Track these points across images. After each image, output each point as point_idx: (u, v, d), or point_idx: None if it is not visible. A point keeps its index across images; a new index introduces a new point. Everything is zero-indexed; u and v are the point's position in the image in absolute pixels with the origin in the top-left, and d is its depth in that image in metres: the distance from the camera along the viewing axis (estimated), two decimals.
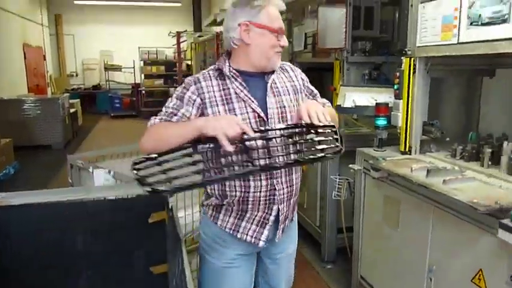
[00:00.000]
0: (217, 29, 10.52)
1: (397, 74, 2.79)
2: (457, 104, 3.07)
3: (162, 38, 14.29)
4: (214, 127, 1.51)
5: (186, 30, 9.44)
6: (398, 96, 2.81)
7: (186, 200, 2.80)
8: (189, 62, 14.78)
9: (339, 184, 3.63)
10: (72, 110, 10.85)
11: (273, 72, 1.84)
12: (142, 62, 15.31)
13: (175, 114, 1.72)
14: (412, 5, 2.71)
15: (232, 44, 1.79)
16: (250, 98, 1.74)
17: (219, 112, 1.71)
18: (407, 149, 2.82)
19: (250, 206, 1.78)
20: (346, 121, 3.89)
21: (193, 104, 1.73)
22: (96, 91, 16.30)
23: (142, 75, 15.46)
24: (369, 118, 3.45)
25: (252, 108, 1.73)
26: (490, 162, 2.40)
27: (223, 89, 1.74)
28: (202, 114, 1.73)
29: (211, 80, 1.77)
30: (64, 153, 6.52)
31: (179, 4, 15.70)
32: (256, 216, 1.80)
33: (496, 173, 2.28)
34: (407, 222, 2.52)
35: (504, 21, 2.03)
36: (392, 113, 2.89)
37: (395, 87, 2.81)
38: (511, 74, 2.96)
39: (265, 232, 1.82)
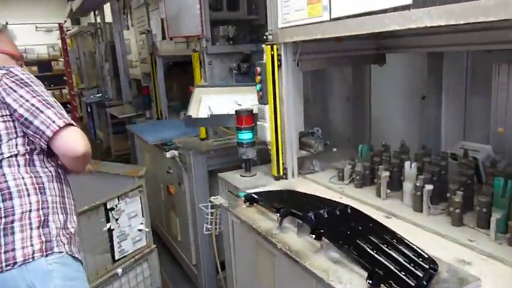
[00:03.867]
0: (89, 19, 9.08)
1: (258, 69, 1.97)
2: (342, 103, 2.36)
3: (30, 34, 12.27)
4: None
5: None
6: (263, 99, 1.99)
7: None
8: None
9: (210, 214, 2.77)
10: None
11: None
12: None
13: None
14: None
15: None
16: None
17: None
18: (281, 172, 2.03)
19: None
20: (214, 129, 3.04)
21: None
22: None
23: None
24: None
25: None
26: (388, 191, 1.68)
27: None
28: None
29: None
30: None
31: None
32: None
33: (399, 210, 1.56)
34: (285, 284, 1.72)
35: None
36: (257, 123, 2.07)
37: (258, 87, 1.99)
38: (404, 59, 2.31)
39: None
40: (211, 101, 2.36)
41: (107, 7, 6.40)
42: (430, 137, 2.17)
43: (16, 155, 1.44)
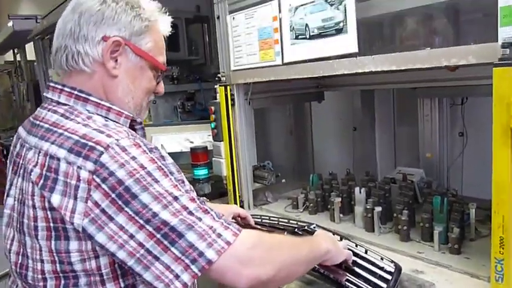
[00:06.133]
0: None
1: (213, 108, 2.09)
2: (287, 137, 2.55)
3: None
4: (338, 256, 1.23)
5: None
6: (217, 137, 2.10)
7: None
8: None
9: None
10: None
11: None
12: None
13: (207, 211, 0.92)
14: (218, 17, 2.05)
15: (82, 64, 1.00)
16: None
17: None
18: (238, 205, 2.13)
19: None
20: None
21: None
22: None
23: None
24: None
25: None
26: (341, 215, 1.86)
27: None
28: None
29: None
30: None
31: None
32: None
33: (353, 231, 1.74)
34: None
35: (339, 31, 1.49)
36: (213, 159, 2.17)
37: (212, 125, 2.11)
38: (339, 96, 2.58)
39: None
40: (163, 140, 2.42)
41: (29, 45, 6.19)
42: (366, 164, 2.42)
43: None
